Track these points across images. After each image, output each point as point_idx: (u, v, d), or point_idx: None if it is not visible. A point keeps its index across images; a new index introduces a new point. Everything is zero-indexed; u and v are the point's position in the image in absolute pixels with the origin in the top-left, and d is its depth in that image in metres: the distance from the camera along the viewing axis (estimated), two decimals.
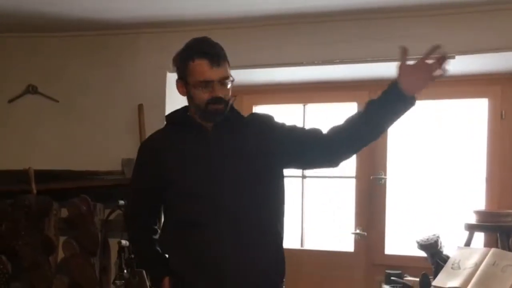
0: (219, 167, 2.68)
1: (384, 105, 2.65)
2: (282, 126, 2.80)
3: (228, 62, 2.69)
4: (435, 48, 2.61)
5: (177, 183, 2.72)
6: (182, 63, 2.72)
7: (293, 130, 2.79)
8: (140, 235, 2.98)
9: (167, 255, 2.84)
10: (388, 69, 4.20)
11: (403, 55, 2.63)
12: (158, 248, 2.88)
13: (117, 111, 4.58)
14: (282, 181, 2.82)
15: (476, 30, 3.90)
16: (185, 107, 2.81)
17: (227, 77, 2.66)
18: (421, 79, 2.64)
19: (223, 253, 2.64)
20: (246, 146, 2.70)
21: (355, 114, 2.74)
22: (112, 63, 4.63)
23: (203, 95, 2.65)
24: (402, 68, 2.63)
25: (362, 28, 4.10)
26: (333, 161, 2.78)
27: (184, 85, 2.72)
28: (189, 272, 2.71)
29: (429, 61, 2.61)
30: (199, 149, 2.72)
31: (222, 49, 2.71)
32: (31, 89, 4.70)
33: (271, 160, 2.72)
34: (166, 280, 2.81)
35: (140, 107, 4.47)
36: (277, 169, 2.78)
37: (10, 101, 4.73)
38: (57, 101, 4.67)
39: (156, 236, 2.91)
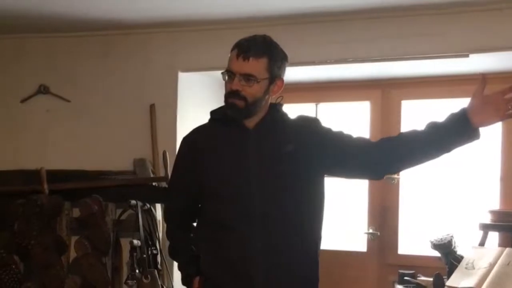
0: (254, 169, 2.63)
1: (448, 132, 2.56)
2: (327, 132, 2.72)
3: (271, 63, 2.61)
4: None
5: (210, 182, 2.69)
6: None
7: (338, 136, 2.71)
8: (175, 231, 2.93)
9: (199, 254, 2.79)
10: (400, 68, 4.20)
11: (482, 83, 2.54)
12: (193, 246, 2.83)
13: (129, 111, 4.58)
14: (321, 187, 2.76)
15: (490, 29, 3.87)
16: None
17: (251, 74, 2.57)
18: (493, 114, 2.54)
19: (251, 256, 2.61)
20: (286, 149, 2.64)
21: (413, 131, 2.65)
22: (123, 63, 4.63)
23: (226, 86, 2.63)
24: (476, 97, 2.55)
25: (375, 27, 4.08)
26: (377, 173, 2.72)
27: None
28: (219, 274, 2.68)
29: (506, 97, 2.51)
30: (237, 148, 2.67)
31: (267, 47, 2.63)
32: (43, 89, 4.71)
33: (310, 165, 2.66)
34: (197, 280, 2.77)
35: (152, 107, 4.46)
36: (315, 175, 2.71)
37: (23, 101, 4.73)
38: (69, 101, 4.68)
39: (191, 234, 2.87)
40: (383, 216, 4.61)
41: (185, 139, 2.84)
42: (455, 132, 2.54)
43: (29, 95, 4.74)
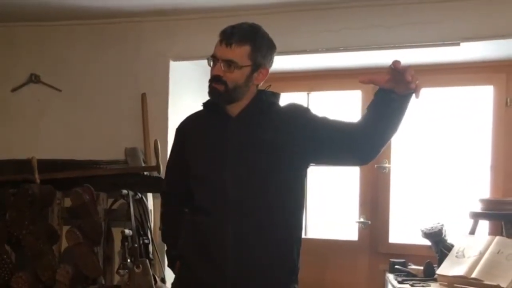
0: (231, 155, 2.65)
1: (383, 105, 2.58)
2: (315, 120, 2.71)
3: (254, 50, 2.62)
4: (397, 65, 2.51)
5: (194, 168, 2.75)
6: None
7: (326, 124, 2.70)
8: (168, 213, 3.01)
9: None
10: (392, 57, 4.19)
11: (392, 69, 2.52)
12: (179, 229, 2.87)
13: (120, 100, 4.57)
14: (302, 177, 2.77)
15: (481, 17, 3.87)
16: None
17: (232, 60, 2.60)
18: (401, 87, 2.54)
19: (224, 241, 2.63)
20: (268, 137, 2.65)
21: (367, 113, 2.65)
22: (115, 52, 4.61)
23: (211, 72, 2.66)
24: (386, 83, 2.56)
25: (367, 16, 4.07)
26: (364, 158, 2.71)
27: None
28: (193, 257, 2.73)
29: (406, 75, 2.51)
30: (218, 135, 2.70)
31: (251, 34, 2.64)
32: (34, 79, 4.69)
33: (295, 154, 2.66)
34: (179, 263, 2.84)
35: (144, 96, 4.45)
36: (299, 164, 2.72)
37: (13, 90, 4.72)
38: (60, 90, 4.66)
39: (182, 218, 2.90)
40: (374, 205, 4.63)
41: (178, 126, 2.92)
42: (390, 99, 2.56)
43: (20, 84, 4.71)
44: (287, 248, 2.72)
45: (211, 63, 2.66)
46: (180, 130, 2.89)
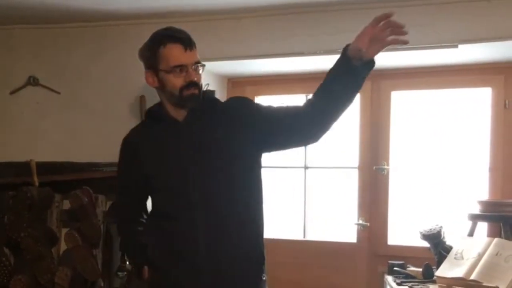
0: (189, 158, 2.69)
1: (340, 75, 2.64)
2: (258, 109, 2.78)
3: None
4: (386, 16, 2.59)
5: (153, 177, 2.77)
6: (151, 51, 2.72)
7: (270, 111, 2.76)
8: (125, 226, 3.01)
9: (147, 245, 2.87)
10: (390, 59, 4.20)
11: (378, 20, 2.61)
12: (141, 239, 2.89)
13: (119, 103, 4.57)
14: (258, 168, 2.81)
15: (479, 19, 3.88)
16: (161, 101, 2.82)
17: (199, 61, 2.67)
18: (374, 43, 2.61)
19: (197, 244, 2.66)
20: (218, 135, 2.69)
21: (320, 87, 2.71)
22: (113, 54, 4.61)
23: (177, 81, 2.66)
24: (362, 32, 2.64)
25: (365, 18, 4.03)
26: (315, 137, 2.74)
27: (154, 74, 2.72)
28: (166, 263, 2.75)
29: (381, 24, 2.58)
30: (171, 142, 2.74)
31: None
32: (32, 81, 4.69)
33: (245, 146, 2.71)
34: (145, 270, 2.87)
35: (142, 99, 4.45)
36: (252, 156, 2.77)
37: (12, 93, 4.72)
38: (59, 93, 4.66)
39: (142, 228, 2.93)
40: (373, 207, 4.63)
41: (125, 140, 2.93)
42: (346, 76, 2.61)
43: (18, 87, 4.71)
44: (257, 241, 2.78)
45: (178, 72, 2.66)
46: (130, 143, 2.89)
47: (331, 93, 2.64)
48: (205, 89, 2.76)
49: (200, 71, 2.68)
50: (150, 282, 2.86)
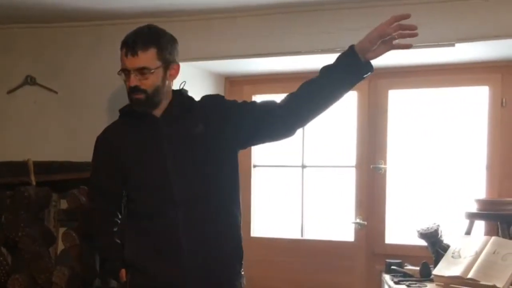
0: (168, 156, 2.71)
1: (341, 72, 2.67)
2: (233, 105, 2.82)
3: (160, 51, 2.70)
4: (402, 17, 2.63)
5: (132, 176, 2.78)
6: None
7: (245, 107, 2.81)
8: (99, 228, 3.00)
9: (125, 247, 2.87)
10: (387, 58, 4.19)
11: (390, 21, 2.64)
12: (118, 241, 2.90)
13: (116, 102, 4.54)
14: (236, 163, 2.84)
15: (476, 17, 3.87)
16: None
17: (144, 67, 2.65)
18: (380, 46, 2.65)
19: (179, 242, 2.68)
20: (198, 131, 2.72)
21: (311, 80, 2.75)
22: (111, 53, 4.58)
23: (126, 84, 2.72)
24: (370, 33, 2.65)
25: (361, 17, 4.07)
26: (289, 129, 2.78)
27: None
28: (148, 263, 2.75)
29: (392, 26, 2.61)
30: (149, 139, 2.76)
31: (152, 37, 2.70)
32: (30, 80, 4.68)
33: (223, 143, 2.75)
34: (123, 272, 2.85)
35: None
36: (229, 151, 2.79)
37: (9, 92, 4.71)
38: (56, 92, 4.66)
39: (116, 229, 2.93)
40: (370, 206, 4.63)
41: (98, 139, 2.95)
42: (347, 70, 2.64)
43: (15, 86, 4.71)
44: (238, 234, 2.82)
45: (123, 76, 2.71)
46: (105, 142, 2.90)
47: (323, 87, 2.68)
48: (181, 87, 2.81)
49: (148, 76, 2.66)
50: (130, 283, 2.84)
